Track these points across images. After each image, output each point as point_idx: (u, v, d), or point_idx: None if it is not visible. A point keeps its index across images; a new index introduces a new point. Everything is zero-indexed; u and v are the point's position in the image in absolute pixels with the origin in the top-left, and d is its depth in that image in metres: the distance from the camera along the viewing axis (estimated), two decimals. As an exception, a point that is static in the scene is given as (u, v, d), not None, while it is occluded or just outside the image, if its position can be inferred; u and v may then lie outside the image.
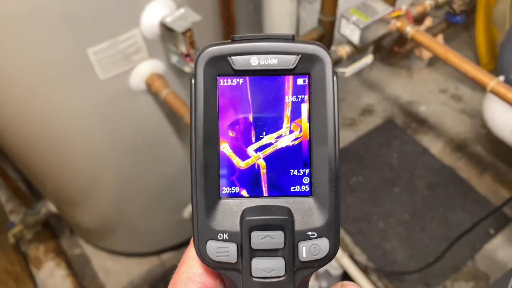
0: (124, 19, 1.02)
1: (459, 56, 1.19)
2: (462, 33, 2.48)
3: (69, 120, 1.18)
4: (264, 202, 0.33)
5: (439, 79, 2.31)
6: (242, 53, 0.32)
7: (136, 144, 1.34)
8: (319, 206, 0.33)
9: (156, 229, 1.78)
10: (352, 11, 1.15)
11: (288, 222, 0.32)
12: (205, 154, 0.32)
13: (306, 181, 0.33)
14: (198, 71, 0.32)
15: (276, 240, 0.31)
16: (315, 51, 0.32)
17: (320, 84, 0.32)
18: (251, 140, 0.33)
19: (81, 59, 1.01)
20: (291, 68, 0.32)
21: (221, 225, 0.32)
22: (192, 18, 0.99)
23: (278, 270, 0.32)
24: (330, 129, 0.32)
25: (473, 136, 2.09)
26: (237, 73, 0.32)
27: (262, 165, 0.33)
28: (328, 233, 0.32)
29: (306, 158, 0.33)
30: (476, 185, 1.92)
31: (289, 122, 0.33)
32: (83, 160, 1.33)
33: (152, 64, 1.11)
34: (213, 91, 0.32)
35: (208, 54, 0.32)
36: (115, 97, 1.15)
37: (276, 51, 0.32)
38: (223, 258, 0.32)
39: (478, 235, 1.74)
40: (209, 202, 0.32)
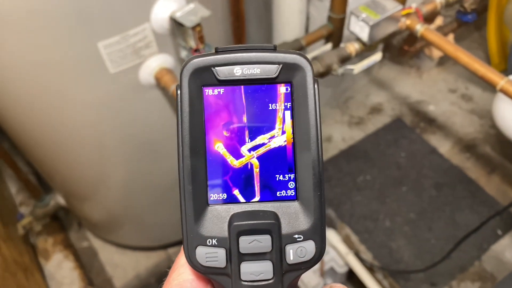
0: (135, 14, 1.02)
1: (469, 55, 1.19)
2: (473, 33, 2.46)
3: (78, 114, 1.19)
4: (251, 207, 0.34)
5: (448, 78, 2.30)
6: (225, 64, 0.33)
7: (145, 138, 1.35)
8: (304, 209, 0.34)
9: (163, 224, 1.79)
10: (361, 8, 1.15)
11: (275, 226, 0.33)
12: (192, 162, 0.33)
13: (291, 185, 0.34)
14: (183, 82, 0.33)
15: (264, 244, 0.32)
16: (296, 60, 0.33)
17: (302, 92, 0.33)
18: (238, 149, 0.34)
19: (92, 53, 1.02)
20: (273, 77, 0.33)
21: (209, 231, 0.33)
22: (201, 13, 0.99)
23: (266, 273, 0.33)
24: (312, 135, 0.33)
25: (482, 137, 2.07)
26: (221, 83, 0.33)
27: (256, 164, 0.34)
28: (314, 236, 0.33)
29: (291, 163, 0.34)
30: (485, 185, 1.90)
31: (277, 127, 0.34)
32: (92, 154, 1.35)
33: (161, 58, 1.12)
34: (199, 100, 0.33)
35: (192, 65, 0.33)
36: (125, 91, 1.16)
37: (258, 61, 0.33)
38: (213, 263, 0.33)
39: (486, 236, 1.73)
40: (197, 209, 0.33)
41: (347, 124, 2.16)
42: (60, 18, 0.95)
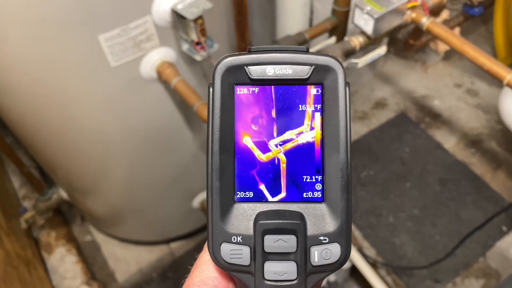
0: (136, 6, 1.01)
1: (475, 48, 1.17)
2: (479, 27, 2.43)
3: (80, 108, 1.18)
4: (277, 207, 0.34)
5: (454, 73, 2.28)
6: (258, 63, 0.33)
7: (147, 132, 1.34)
8: (331, 212, 0.34)
9: (166, 218, 1.79)
10: (366, 1, 1.13)
11: (301, 226, 0.33)
12: (221, 159, 0.34)
13: (318, 187, 0.35)
14: (216, 80, 0.33)
15: (289, 244, 0.32)
16: (328, 62, 0.33)
17: (333, 94, 0.34)
18: (272, 136, 0.35)
19: (93, 46, 1.01)
20: (305, 78, 0.33)
21: (235, 228, 0.33)
22: (203, 5, 0.98)
23: (290, 274, 0.33)
24: (342, 137, 0.33)
25: (488, 132, 2.05)
26: (253, 82, 0.34)
27: (283, 160, 0.35)
28: (339, 239, 0.33)
29: (319, 164, 0.34)
30: (490, 181, 1.89)
31: (305, 129, 0.34)
32: (95, 148, 1.34)
33: (163, 52, 1.11)
34: (230, 98, 0.34)
35: (226, 64, 0.33)
36: (126, 85, 1.15)
37: (290, 62, 0.33)
38: (237, 260, 0.33)
39: (490, 232, 1.72)
40: (224, 206, 0.34)
41: (351, 118, 2.14)
42: (60, 11, 0.94)
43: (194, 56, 1.07)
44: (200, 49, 1.06)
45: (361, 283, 1.60)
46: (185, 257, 1.83)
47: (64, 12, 0.94)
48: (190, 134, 1.43)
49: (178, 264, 1.82)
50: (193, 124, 1.38)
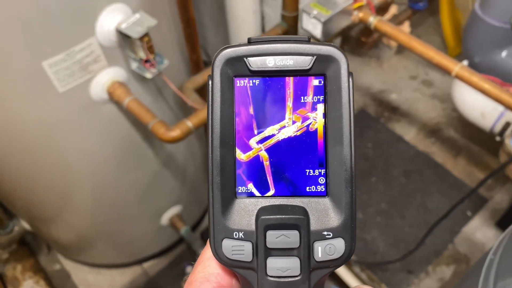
0: (78, 29, 0.99)
1: (423, 43, 1.19)
2: (428, 19, 2.49)
3: (33, 136, 1.14)
4: (280, 202, 0.33)
5: (409, 66, 2.33)
6: (258, 54, 0.32)
7: (106, 154, 1.31)
8: (334, 206, 0.33)
9: (136, 238, 1.75)
10: (312, 5, 1.14)
11: (304, 221, 0.32)
12: (222, 153, 0.33)
13: (322, 181, 0.34)
14: (215, 72, 0.33)
15: (292, 240, 0.32)
16: (330, 52, 0.32)
17: (336, 84, 0.33)
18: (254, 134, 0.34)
19: (37, 73, 0.98)
20: (306, 69, 0.32)
21: (236, 223, 0.33)
22: (148, 23, 0.96)
23: (293, 270, 0.32)
24: (345, 129, 0.32)
25: (446, 120, 2.11)
26: (254, 73, 0.33)
27: (265, 157, 0.34)
28: (343, 234, 0.32)
29: (322, 158, 0.33)
30: (452, 168, 1.93)
31: (309, 118, 0.33)
32: (53, 175, 1.30)
33: (112, 72, 1.09)
34: (230, 91, 0.33)
35: (225, 55, 0.32)
36: (77, 109, 1.12)
37: (291, 52, 0.32)
38: (239, 256, 0.32)
39: (457, 219, 1.76)
40: (225, 201, 0.33)
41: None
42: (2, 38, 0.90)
43: (144, 74, 1.05)
44: (149, 67, 1.04)
45: (337, 282, 1.61)
46: (159, 275, 1.80)
47: (4, 41, 0.91)
48: (151, 151, 1.40)
49: (152, 283, 1.78)
50: (152, 141, 1.36)
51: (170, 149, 1.46)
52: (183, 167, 1.61)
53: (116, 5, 1.00)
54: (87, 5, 0.97)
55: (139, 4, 1.05)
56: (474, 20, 1.46)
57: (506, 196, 1.82)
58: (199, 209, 1.90)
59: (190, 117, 1.13)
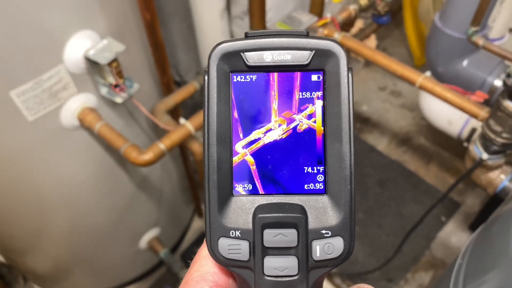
0: (46, 57, 0.99)
1: (386, 56, 1.23)
2: (394, 31, 2.57)
3: (4, 165, 1.13)
4: (278, 200, 0.33)
5: (377, 77, 2.39)
6: (255, 49, 0.31)
7: (81, 179, 1.30)
8: (333, 204, 0.32)
9: (115, 264, 1.72)
10: (278, 24, 1.17)
11: (302, 220, 0.31)
12: (218, 151, 0.32)
13: (320, 178, 0.33)
14: (211, 68, 0.32)
15: (289, 238, 0.31)
16: (330, 47, 0.31)
17: (335, 80, 0.32)
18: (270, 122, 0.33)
19: (5, 103, 0.97)
20: (305, 64, 0.32)
21: (233, 222, 0.32)
22: (116, 49, 0.97)
23: (291, 269, 0.31)
24: (345, 126, 0.32)
25: (416, 129, 2.16)
26: (251, 69, 0.32)
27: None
28: (342, 232, 0.32)
29: (321, 155, 0.33)
30: (424, 175, 1.98)
31: (310, 114, 0.33)
32: (27, 204, 1.28)
33: (82, 98, 1.09)
34: (226, 87, 0.32)
35: (221, 50, 0.32)
36: (48, 137, 1.11)
37: (289, 47, 0.31)
38: (235, 255, 0.31)
39: (432, 224, 1.80)
40: (221, 199, 0.32)
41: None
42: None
43: (114, 98, 1.05)
44: (119, 91, 1.04)
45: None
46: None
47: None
48: (126, 175, 1.40)
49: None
50: (126, 164, 1.35)
51: (145, 171, 1.46)
52: (159, 188, 1.61)
53: (83, 32, 1.01)
54: (54, 32, 0.97)
55: (107, 30, 1.05)
56: (435, 31, 1.52)
57: (477, 200, 1.88)
58: (177, 231, 1.89)
59: (163, 139, 1.14)
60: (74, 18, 1.00)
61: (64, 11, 0.97)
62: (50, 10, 0.94)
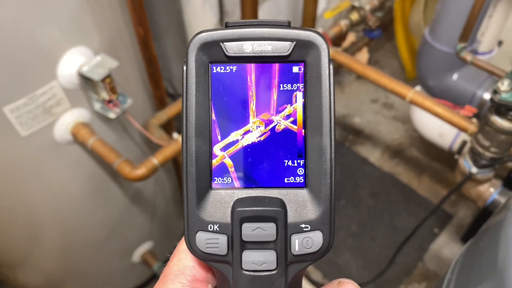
0: (40, 73, 0.99)
1: (377, 71, 1.25)
2: (386, 44, 2.60)
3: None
4: (257, 193, 0.32)
5: (369, 90, 2.41)
6: (235, 39, 0.31)
7: (73, 194, 1.30)
8: (313, 198, 0.32)
9: (108, 278, 1.71)
10: (270, 40, 1.19)
11: (281, 214, 0.31)
12: (197, 144, 0.31)
13: (301, 172, 0.32)
14: (189, 58, 0.31)
15: (268, 232, 0.30)
16: (311, 38, 0.31)
17: (316, 72, 0.31)
18: (249, 122, 0.32)
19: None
20: (285, 55, 0.31)
21: (211, 216, 0.31)
22: (109, 65, 0.98)
23: (270, 263, 0.31)
24: (325, 118, 0.31)
25: (408, 141, 2.18)
26: (230, 59, 0.31)
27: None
28: (321, 226, 0.31)
29: (301, 148, 0.32)
30: (417, 187, 1.99)
31: (290, 107, 0.32)
32: (19, 218, 1.27)
33: (75, 113, 1.09)
34: (205, 78, 0.31)
35: (200, 39, 0.31)
36: (42, 152, 1.11)
37: (270, 37, 0.31)
38: (213, 250, 0.31)
39: (424, 236, 1.80)
40: (200, 193, 0.32)
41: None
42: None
43: (108, 114, 1.06)
44: (113, 107, 1.05)
45: (313, 308, 1.62)
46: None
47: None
48: (118, 189, 1.40)
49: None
50: (119, 178, 1.36)
51: (138, 185, 1.46)
52: (152, 201, 1.61)
53: (77, 48, 1.02)
54: (48, 49, 0.98)
55: (101, 46, 1.06)
56: (425, 46, 1.54)
57: (469, 211, 1.89)
58: (171, 244, 1.88)
59: (156, 154, 1.14)
60: (68, 34, 1.01)
61: (57, 28, 0.98)
62: (44, 27, 0.95)
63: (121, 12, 1.14)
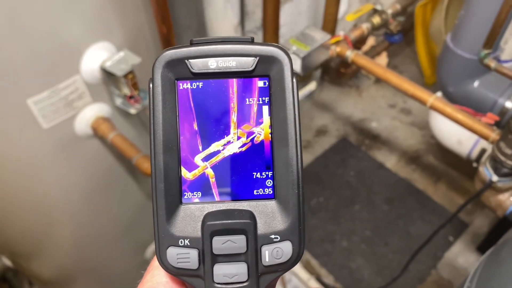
0: (63, 67, 1.00)
1: (397, 75, 1.24)
2: (405, 49, 2.58)
3: (15, 172, 1.14)
4: (227, 206, 0.33)
5: (387, 94, 2.39)
6: (199, 56, 0.32)
7: (89, 188, 1.31)
8: (282, 208, 0.32)
9: (120, 274, 1.72)
10: (291, 41, 1.18)
11: (250, 225, 0.31)
12: (165, 159, 0.32)
13: (269, 183, 0.33)
14: (155, 75, 0.32)
15: (238, 245, 0.31)
16: (273, 53, 0.32)
17: (280, 85, 0.32)
18: (216, 139, 0.33)
19: (21, 110, 0.99)
20: (249, 70, 0.32)
21: (182, 231, 0.32)
22: (132, 61, 0.99)
23: (241, 275, 0.31)
24: (291, 130, 0.32)
25: (425, 147, 2.16)
26: (196, 76, 0.32)
27: (228, 165, 0.33)
28: (291, 236, 0.32)
29: (269, 160, 0.33)
30: (433, 194, 1.97)
31: (254, 122, 0.33)
32: (36, 209, 1.29)
33: (96, 108, 1.10)
34: (172, 95, 0.32)
35: (165, 57, 0.32)
36: (62, 144, 1.13)
37: (233, 54, 0.32)
38: (184, 264, 0.31)
39: (439, 244, 1.78)
40: (169, 208, 0.32)
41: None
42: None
43: (128, 109, 1.07)
44: (134, 103, 1.06)
45: (324, 312, 1.61)
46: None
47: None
48: (135, 185, 1.41)
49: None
50: (136, 174, 1.37)
51: (154, 181, 1.46)
52: (167, 199, 1.61)
53: (100, 43, 1.03)
54: (72, 43, 0.99)
55: (124, 42, 1.07)
56: (447, 52, 1.52)
57: (486, 221, 1.86)
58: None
59: (174, 151, 1.15)
60: (92, 30, 1.02)
61: (82, 23, 0.99)
62: (69, 22, 0.97)
63: (143, 10, 1.15)
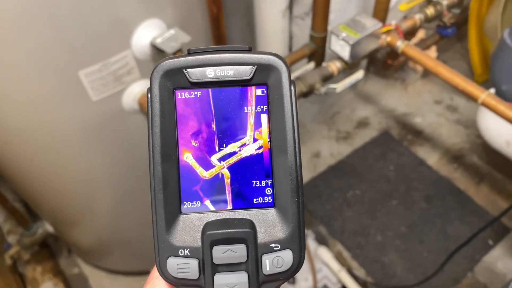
0: (115, 41, 1.02)
1: (449, 69, 1.20)
2: (455, 44, 2.49)
3: (63, 143, 1.18)
4: (226, 215, 0.33)
5: (434, 90, 2.32)
6: (197, 65, 0.32)
7: (130, 161, 1.34)
8: (281, 217, 0.32)
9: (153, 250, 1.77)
10: (341, 27, 1.16)
11: (250, 234, 0.31)
12: (164, 169, 0.32)
13: (268, 192, 0.33)
14: (153, 85, 0.32)
15: (238, 254, 0.31)
16: (271, 61, 0.32)
17: (278, 94, 0.32)
18: (215, 150, 0.33)
19: (73, 81, 1.02)
20: (248, 79, 0.32)
21: (181, 240, 0.32)
22: (182, 39, 1.00)
23: (241, 285, 0.31)
24: (289, 138, 0.32)
25: (469, 146, 2.09)
26: (194, 85, 0.32)
27: (226, 175, 0.33)
28: (291, 245, 0.32)
29: (268, 168, 0.33)
30: (474, 195, 1.91)
31: (253, 130, 0.33)
32: (79, 180, 1.34)
33: (144, 84, 1.12)
34: (170, 104, 0.32)
35: (163, 67, 0.32)
36: (108, 118, 1.16)
37: (231, 62, 0.32)
38: (184, 275, 0.31)
39: (477, 247, 1.73)
40: (169, 218, 0.32)
41: (335, 139, 2.17)
42: (40, 49, 0.94)
43: (175, 87, 1.08)
44: (180, 81, 1.07)
45: (352, 304, 1.60)
46: None
47: (44, 51, 0.95)
48: (175, 163, 1.43)
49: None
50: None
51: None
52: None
53: (152, 20, 1.04)
54: (125, 18, 1.01)
55: (174, 20, 1.08)
56: (503, 48, 1.46)
57: (529, 227, 1.79)
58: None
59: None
60: (144, 7, 1.03)
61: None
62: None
63: (195, -11, 1.16)
